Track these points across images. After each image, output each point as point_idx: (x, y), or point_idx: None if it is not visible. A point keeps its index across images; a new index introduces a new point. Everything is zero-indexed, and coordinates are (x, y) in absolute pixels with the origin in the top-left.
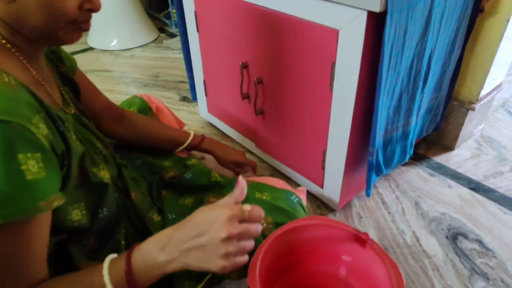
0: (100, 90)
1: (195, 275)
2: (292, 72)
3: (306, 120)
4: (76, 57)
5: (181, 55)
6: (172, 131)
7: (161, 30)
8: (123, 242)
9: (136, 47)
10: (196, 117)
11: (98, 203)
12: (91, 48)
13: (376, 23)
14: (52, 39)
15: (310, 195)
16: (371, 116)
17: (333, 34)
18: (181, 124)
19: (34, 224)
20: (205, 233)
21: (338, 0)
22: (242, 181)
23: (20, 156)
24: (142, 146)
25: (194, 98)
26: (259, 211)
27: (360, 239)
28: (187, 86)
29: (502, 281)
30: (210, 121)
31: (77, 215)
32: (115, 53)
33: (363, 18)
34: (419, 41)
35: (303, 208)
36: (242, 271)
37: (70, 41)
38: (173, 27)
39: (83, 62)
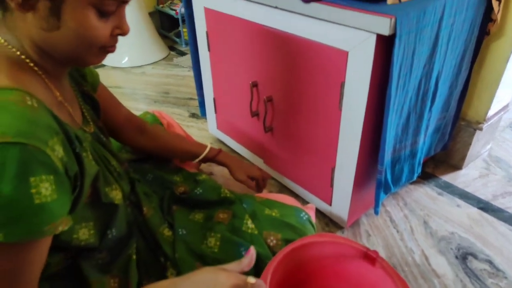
0: (121, 103)
1: None
2: (301, 91)
3: (315, 138)
4: None
5: (191, 73)
6: (190, 143)
7: (171, 48)
8: (134, 257)
9: (147, 65)
10: (205, 133)
11: (108, 223)
12: (102, 65)
13: (385, 45)
14: (80, 62)
15: (318, 212)
16: (379, 135)
17: (343, 55)
18: (191, 140)
19: (35, 246)
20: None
21: (348, 23)
22: (252, 251)
23: (32, 179)
24: (161, 157)
25: (203, 115)
26: (262, 286)
27: (370, 257)
28: (196, 103)
29: None
30: (219, 137)
31: (84, 234)
32: (126, 70)
33: (372, 40)
34: (427, 62)
35: (312, 225)
36: None
37: (95, 63)
38: (183, 46)
39: None
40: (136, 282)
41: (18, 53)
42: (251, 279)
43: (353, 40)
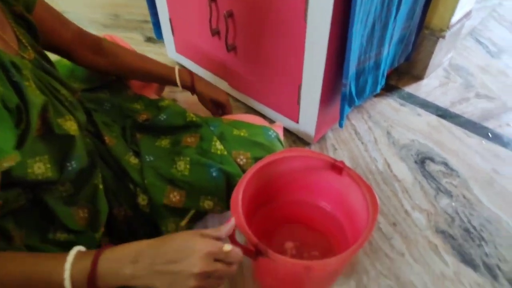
0: (69, 19)
1: (179, 213)
2: (264, 3)
3: (280, 54)
4: None
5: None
6: (156, 64)
7: None
8: (101, 186)
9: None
10: (163, 58)
11: (65, 155)
12: None
13: None
14: None
15: (285, 130)
16: (344, 47)
17: None
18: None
19: None
20: (179, 262)
21: None
22: (232, 221)
23: None
24: (122, 77)
25: (160, 37)
26: (238, 254)
27: (337, 167)
28: (151, 25)
29: (464, 197)
30: (179, 61)
31: (40, 168)
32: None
33: None
34: None
35: (281, 143)
36: (224, 205)
37: None
38: None
39: None
40: (106, 210)
41: None
42: (227, 247)
43: None
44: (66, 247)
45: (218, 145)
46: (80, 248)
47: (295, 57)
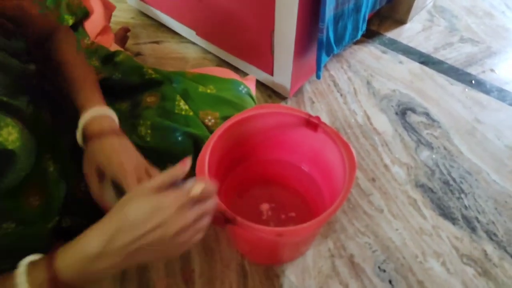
0: None
1: None
2: None
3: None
4: None
5: None
6: (87, 88)
7: None
8: (51, 168)
9: None
10: (124, 6)
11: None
12: None
13: None
14: None
15: (260, 84)
16: None
17: None
18: (109, 5)
19: None
20: (151, 231)
21: None
22: (188, 161)
23: None
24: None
25: None
26: (210, 188)
27: (312, 123)
28: None
29: (445, 149)
30: (141, 9)
31: None
32: None
33: None
34: None
35: (252, 98)
36: (194, 172)
37: None
38: None
39: None
40: (60, 194)
41: None
42: (195, 189)
43: None
44: (13, 240)
45: (183, 105)
46: (30, 258)
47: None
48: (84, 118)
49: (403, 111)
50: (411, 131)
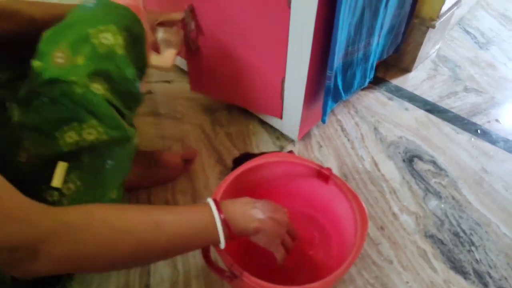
0: None
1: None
2: None
3: (261, 44)
4: None
5: None
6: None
7: None
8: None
9: None
10: None
11: None
12: None
13: None
14: None
15: (268, 126)
16: (331, 37)
17: None
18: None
19: None
20: (277, 212)
21: None
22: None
23: None
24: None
25: None
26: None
27: (323, 175)
28: None
29: (453, 198)
30: None
31: None
32: None
33: None
34: None
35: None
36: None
37: None
38: None
39: None
40: None
41: None
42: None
43: None
44: None
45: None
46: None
47: (278, 47)
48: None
49: (410, 159)
50: (418, 179)
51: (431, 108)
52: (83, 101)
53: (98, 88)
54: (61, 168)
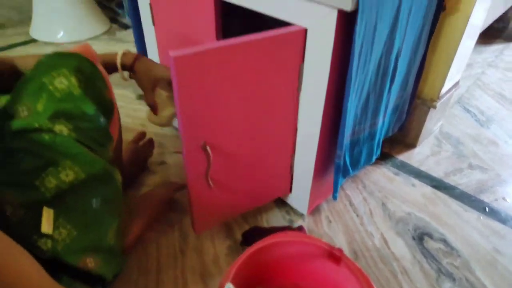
0: None
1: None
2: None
3: (271, 127)
4: (16, 50)
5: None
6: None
7: (113, 20)
8: None
9: (86, 39)
10: None
11: None
12: (34, 40)
13: (345, 22)
14: None
15: (278, 201)
16: (338, 117)
17: (301, 34)
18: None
19: None
20: None
21: None
22: None
23: None
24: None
25: None
26: None
27: (334, 256)
28: None
29: (467, 280)
30: None
31: None
32: (62, 46)
33: (333, 16)
34: (387, 39)
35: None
36: None
37: None
38: (127, 18)
39: None
40: None
41: None
42: None
43: (313, 16)
44: None
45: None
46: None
47: (288, 126)
48: (119, 57)
49: (420, 236)
50: (430, 258)
51: (438, 185)
52: (53, 145)
53: (62, 129)
54: (46, 213)
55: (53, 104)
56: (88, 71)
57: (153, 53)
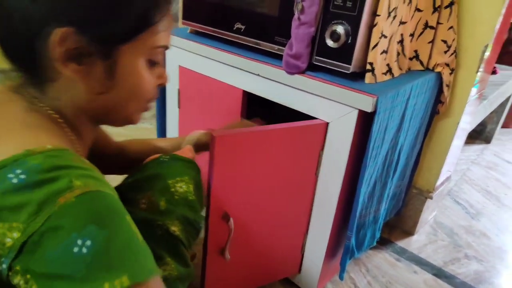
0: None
1: None
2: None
3: (289, 204)
4: None
5: (152, 127)
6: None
7: None
8: None
9: None
10: None
11: None
12: None
13: (362, 119)
14: (122, 120)
15: (285, 279)
16: (349, 200)
17: (323, 126)
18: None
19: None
20: None
21: (332, 98)
22: None
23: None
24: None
25: None
26: None
27: None
28: None
29: None
30: None
31: None
32: None
33: (354, 114)
34: (394, 137)
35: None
36: None
37: (136, 122)
38: None
39: None
40: None
41: (53, 113)
42: None
43: (335, 113)
44: None
45: None
46: None
47: (302, 207)
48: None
49: None
50: None
51: (438, 273)
52: (163, 241)
53: (175, 230)
54: None
55: (172, 207)
56: (199, 181)
57: (173, 131)
